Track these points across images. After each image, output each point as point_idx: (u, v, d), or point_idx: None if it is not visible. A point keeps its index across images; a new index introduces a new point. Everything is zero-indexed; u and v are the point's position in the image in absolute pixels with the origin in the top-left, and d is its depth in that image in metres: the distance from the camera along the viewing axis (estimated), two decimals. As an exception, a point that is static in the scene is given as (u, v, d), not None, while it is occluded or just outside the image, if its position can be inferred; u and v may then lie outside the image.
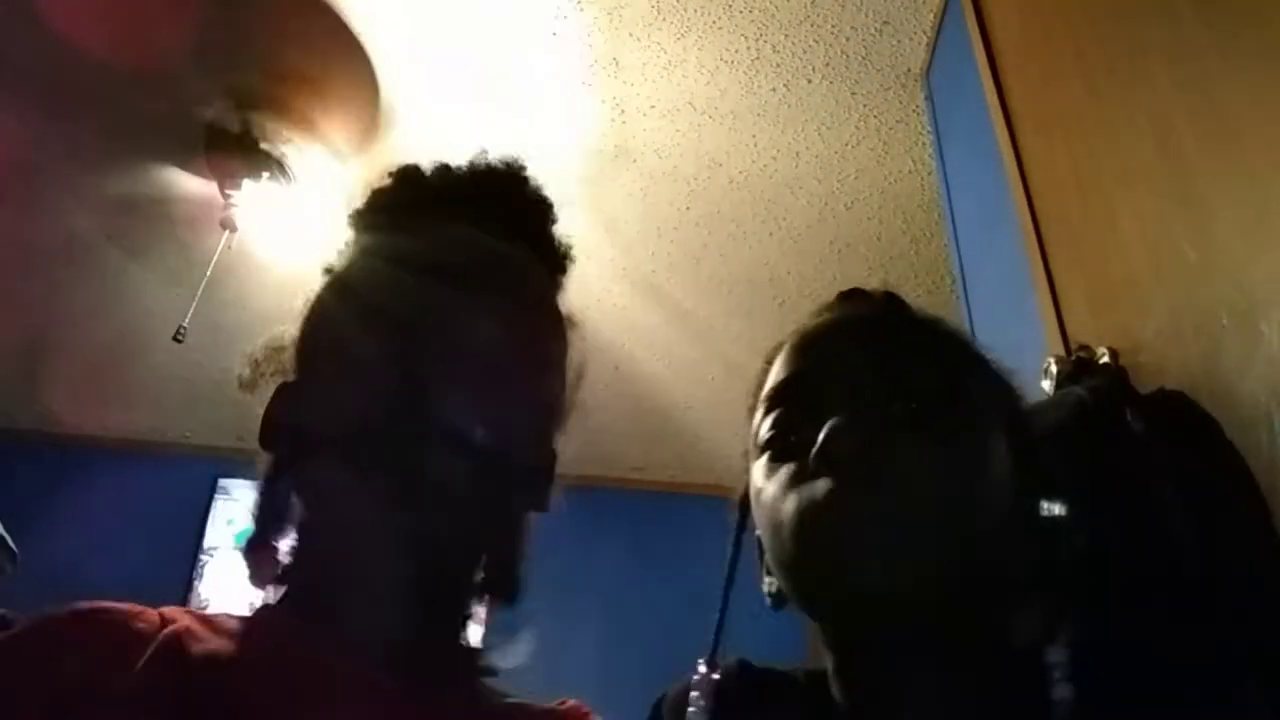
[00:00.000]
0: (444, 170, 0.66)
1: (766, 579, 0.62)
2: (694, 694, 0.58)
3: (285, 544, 0.58)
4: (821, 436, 0.51)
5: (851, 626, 0.54)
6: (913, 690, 0.53)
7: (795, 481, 0.53)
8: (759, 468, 0.58)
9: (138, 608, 0.53)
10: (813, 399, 0.56)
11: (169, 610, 0.54)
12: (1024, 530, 0.54)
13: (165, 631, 0.50)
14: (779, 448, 0.56)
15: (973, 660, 0.53)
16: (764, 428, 0.58)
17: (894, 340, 0.58)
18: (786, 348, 0.61)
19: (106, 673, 0.48)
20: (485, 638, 0.60)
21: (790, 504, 0.53)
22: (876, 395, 0.54)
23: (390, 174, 0.66)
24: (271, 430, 0.59)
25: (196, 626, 0.52)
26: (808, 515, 0.51)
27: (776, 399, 0.58)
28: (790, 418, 0.57)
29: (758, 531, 0.61)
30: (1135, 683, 0.53)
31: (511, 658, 0.59)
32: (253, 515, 0.59)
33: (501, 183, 0.66)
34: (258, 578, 0.57)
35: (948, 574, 0.49)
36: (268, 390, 0.61)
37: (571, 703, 0.59)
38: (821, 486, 0.51)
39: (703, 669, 0.59)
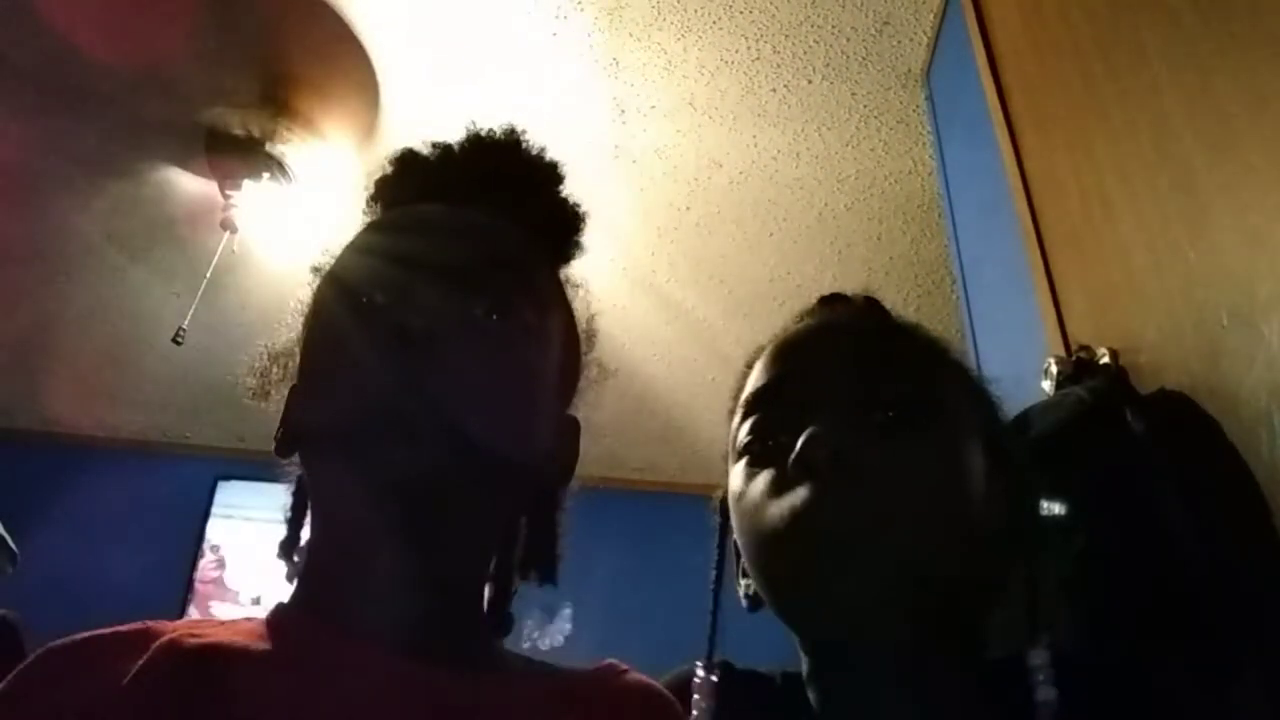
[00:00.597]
0: (442, 149, 0.65)
1: (743, 581, 0.62)
2: (695, 697, 0.58)
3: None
4: (800, 444, 0.51)
5: (827, 633, 0.54)
6: (887, 696, 0.53)
7: (774, 488, 0.54)
8: (737, 472, 0.58)
9: (128, 626, 0.53)
10: (791, 404, 0.56)
11: (171, 623, 0.54)
12: (1004, 535, 0.54)
13: (159, 642, 0.50)
14: (756, 452, 0.57)
15: (947, 667, 0.53)
16: (742, 432, 0.58)
17: (872, 348, 0.58)
18: (766, 352, 0.62)
19: (95, 695, 0.47)
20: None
21: (768, 511, 0.53)
22: (854, 403, 0.54)
23: (389, 160, 0.66)
24: (285, 437, 0.59)
25: (198, 630, 0.52)
26: (786, 524, 0.51)
27: (755, 404, 0.59)
28: (768, 423, 0.57)
29: (733, 535, 0.62)
30: (1136, 680, 0.53)
31: (549, 641, 0.58)
32: (284, 519, 0.60)
33: (499, 153, 0.65)
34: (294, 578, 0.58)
35: (924, 582, 0.49)
36: (279, 397, 0.61)
37: (607, 662, 0.58)
38: (799, 495, 0.51)
39: (700, 673, 0.59)
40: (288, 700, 0.47)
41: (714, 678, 0.59)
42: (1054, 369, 0.88)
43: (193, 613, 3.09)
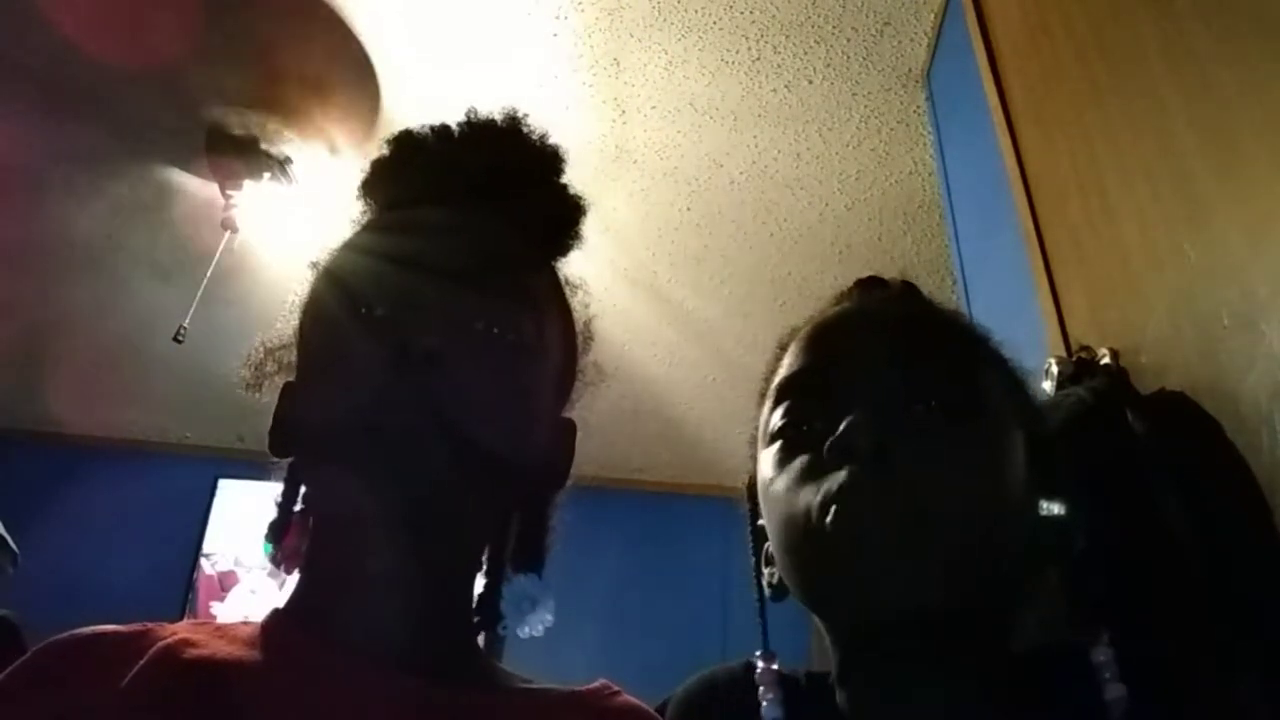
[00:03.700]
0: (441, 137, 0.64)
1: (767, 569, 0.61)
2: (761, 689, 0.58)
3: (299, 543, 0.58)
4: (840, 430, 0.50)
5: (860, 624, 0.53)
6: (918, 689, 0.52)
7: (809, 475, 0.52)
8: (768, 457, 0.57)
9: (129, 627, 0.53)
10: (828, 392, 0.55)
11: (171, 625, 0.54)
12: (1035, 529, 0.54)
13: (157, 645, 0.50)
14: (790, 438, 0.55)
15: (979, 660, 0.52)
16: (775, 417, 0.57)
17: (912, 336, 0.57)
18: (802, 336, 0.60)
19: (90, 696, 0.47)
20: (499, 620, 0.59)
21: (803, 498, 0.52)
22: (894, 393, 0.53)
23: (388, 143, 0.65)
24: (278, 433, 0.59)
25: (196, 636, 0.52)
26: (821, 510, 0.50)
27: (790, 389, 0.57)
28: (804, 409, 0.56)
29: (760, 521, 0.61)
30: (1139, 681, 0.53)
31: (529, 629, 0.58)
32: (275, 503, 0.60)
33: (500, 142, 0.64)
34: (284, 568, 0.58)
35: (964, 574, 0.49)
36: (273, 392, 0.61)
37: (600, 682, 0.58)
38: (837, 481, 0.50)
39: (761, 664, 0.59)
40: (279, 717, 0.48)
41: (775, 666, 0.58)
42: (1055, 369, 0.88)
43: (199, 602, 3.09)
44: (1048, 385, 0.87)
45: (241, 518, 3.26)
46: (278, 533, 0.59)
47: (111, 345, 2.93)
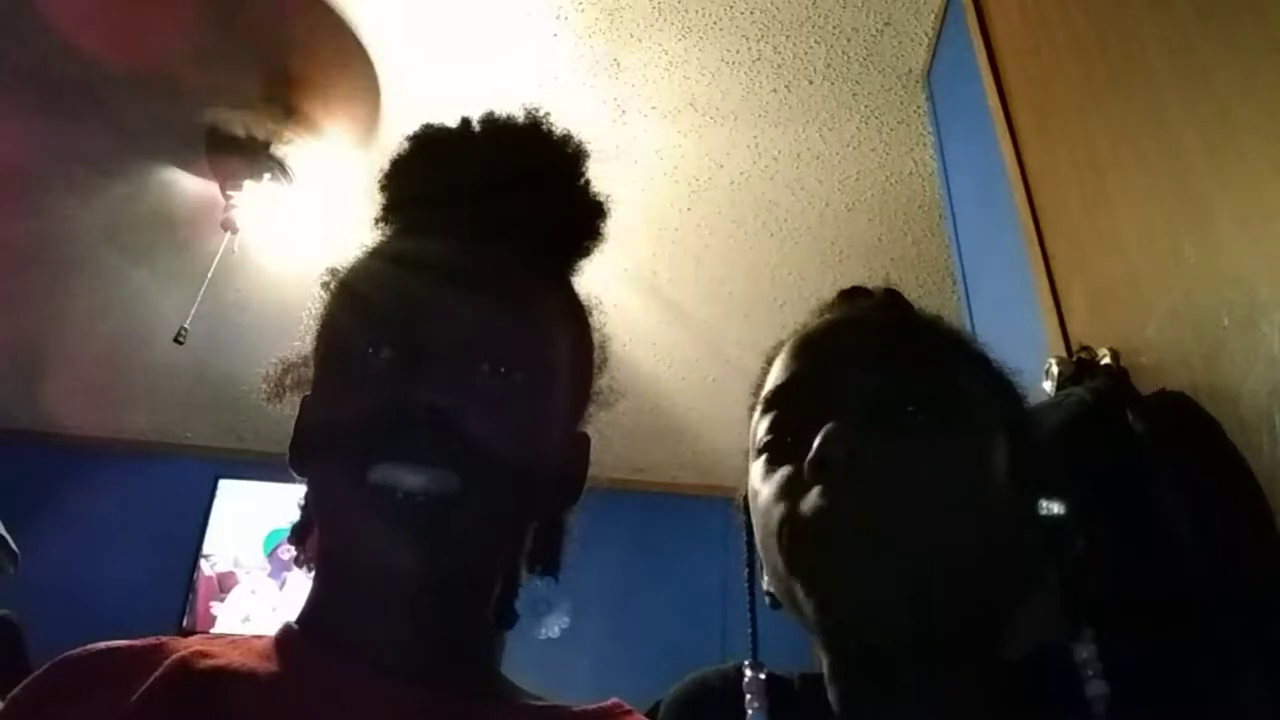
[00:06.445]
0: (461, 129, 0.63)
1: (767, 579, 0.61)
2: (748, 696, 0.58)
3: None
4: (816, 442, 0.51)
5: (842, 635, 0.53)
6: (906, 697, 0.52)
7: (789, 488, 0.53)
8: (756, 469, 0.57)
9: (144, 641, 0.53)
10: (809, 401, 0.55)
11: (186, 639, 0.54)
12: (1025, 534, 0.54)
13: (170, 659, 0.50)
14: (775, 450, 0.56)
15: (968, 667, 0.52)
16: (761, 429, 0.58)
17: (892, 342, 0.57)
18: (786, 348, 0.61)
19: (104, 711, 0.48)
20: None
21: (783, 511, 0.52)
22: (873, 399, 0.53)
23: (409, 139, 0.63)
24: (297, 448, 0.58)
25: (210, 648, 0.52)
26: (799, 525, 0.51)
27: (774, 400, 0.58)
28: (787, 420, 0.56)
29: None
30: (1139, 680, 0.53)
31: (545, 632, 0.58)
32: (299, 506, 0.61)
33: (520, 136, 0.63)
34: (307, 567, 0.59)
35: (942, 585, 0.49)
36: (292, 401, 0.61)
37: (611, 701, 0.58)
38: (814, 495, 0.50)
39: (749, 671, 0.59)
40: None
41: (762, 676, 0.59)
42: (1055, 369, 0.88)
43: (200, 612, 3.09)
44: (1048, 385, 0.87)
45: (241, 518, 3.26)
46: (301, 534, 0.60)
47: (111, 345, 2.93)
